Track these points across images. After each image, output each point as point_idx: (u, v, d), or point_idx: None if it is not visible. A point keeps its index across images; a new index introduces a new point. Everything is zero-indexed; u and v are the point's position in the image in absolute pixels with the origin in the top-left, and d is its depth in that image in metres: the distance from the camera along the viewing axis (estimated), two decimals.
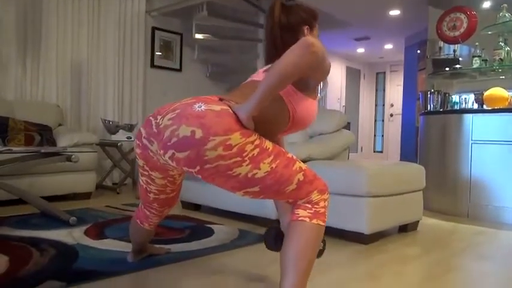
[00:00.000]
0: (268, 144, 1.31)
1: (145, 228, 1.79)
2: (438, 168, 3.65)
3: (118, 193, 4.12)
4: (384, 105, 9.89)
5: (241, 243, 2.33)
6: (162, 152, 1.28)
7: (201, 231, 2.60)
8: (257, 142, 1.26)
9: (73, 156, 2.75)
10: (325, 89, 8.49)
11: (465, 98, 3.97)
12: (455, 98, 4.03)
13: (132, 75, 4.88)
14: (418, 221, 2.88)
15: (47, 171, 3.43)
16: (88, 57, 4.51)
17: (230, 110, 1.26)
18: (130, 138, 4.27)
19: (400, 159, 7.16)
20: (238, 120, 1.24)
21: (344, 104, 9.29)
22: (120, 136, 4.24)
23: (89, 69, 4.54)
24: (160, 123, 1.29)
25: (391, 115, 9.65)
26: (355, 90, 9.76)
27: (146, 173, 1.49)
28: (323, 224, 1.36)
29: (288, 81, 1.26)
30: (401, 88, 7.72)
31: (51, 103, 4.15)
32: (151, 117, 1.36)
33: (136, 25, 4.89)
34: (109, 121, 4.28)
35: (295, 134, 3.31)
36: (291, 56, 1.22)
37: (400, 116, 7.63)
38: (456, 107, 3.95)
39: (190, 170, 1.26)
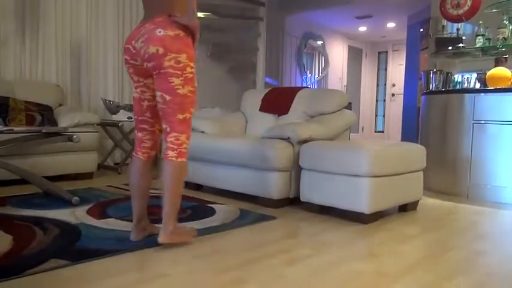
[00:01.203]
0: (195, 82, 1.88)
1: (140, 160, 2.00)
2: (439, 149, 3.65)
3: (119, 173, 4.15)
4: (385, 84, 9.82)
5: (242, 223, 2.35)
6: (142, 64, 1.87)
7: (203, 211, 2.62)
8: (194, 71, 1.86)
9: (74, 137, 2.76)
10: (327, 69, 8.41)
11: (467, 78, 3.95)
12: (457, 77, 4.00)
13: None
14: (418, 201, 2.90)
15: (49, 151, 3.45)
16: (87, 36, 4.46)
17: (180, 34, 1.80)
18: (131, 118, 4.27)
19: (401, 140, 7.16)
20: (185, 44, 1.81)
21: (345, 84, 9.23)
22: (121, 116, 4.23)
23: (88, 47, 4.49)
24: (136, 46, 1.84)
25: (393, 95, 9.60)
26: (356, 69, 9.68)
27: (141, 83, 1.95)
28: (185, 160, 1.87)
29: None
30: (403, 67, 7.65)
31: (52, 83, 4.13)
32: (127, 45, 1.88)
33: (136, 3, 4.82)
34: (110, 101, 4.27)
35: (296, 115, 3.30)
36: None
37: (402, 95, 7.58)
38: (458, 87, 3.93)
39: (154, 72, 1.83)
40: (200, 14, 5.11)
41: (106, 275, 1.57)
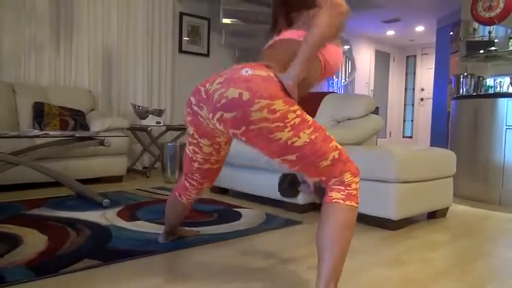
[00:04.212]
0: (309, 117, 1.36)
1: (182, 202, 1.82)
2: (469, 154, 3.56)
3: (148, 177, 4.23)
4: (414, 89, 9.65)
5: (268, 227, 2.37)
6: (211, 115, 1.35)
7: (229, 214, 2.65)
8: (299, 112, 1.32)
9: (106, 141, 2.84)
10: (354, 73, 8.35)
11: (500, 82, 3.84)
12: (489, 81, 3.90)
13: (160, 61, 4.95)
14: (448, 208, 2.84)
15: (81, 154, 3.56)
16: (118, 44, 4.60)
17: (275, 78, 1.31)
18: (160, 123, 4.36)
19: (430, 145, 7.01)
20: (282, 88, 1.30)
21: (372, 89, 9.12)
22: (150, 121, 4.33)
23: (119, 55, 4.63)
24: (209, 88, 1.36)
25: (422, 99, 9.42)
26: (384, 74, 9.56)
27: (195, 140, 1.56)
28: (356, 205, 1.36)
29: (324, 44, 1.38)
30: (432, 72, 7.50)
31: (84, 88, 4.27)
32: (199, 86, 1.42)
33: (164, 10, 4.93)
34: (139, 106, 4.37)
35: (322, 120, 3.30)
36: (325, 19, 1.31)
37: (431, 100, 7.44)
38: (490, 91, 3.83)
39: (236, 131, 1.32)
40: (227, 20, 5.18)
41: (138, 275, 1.62)
